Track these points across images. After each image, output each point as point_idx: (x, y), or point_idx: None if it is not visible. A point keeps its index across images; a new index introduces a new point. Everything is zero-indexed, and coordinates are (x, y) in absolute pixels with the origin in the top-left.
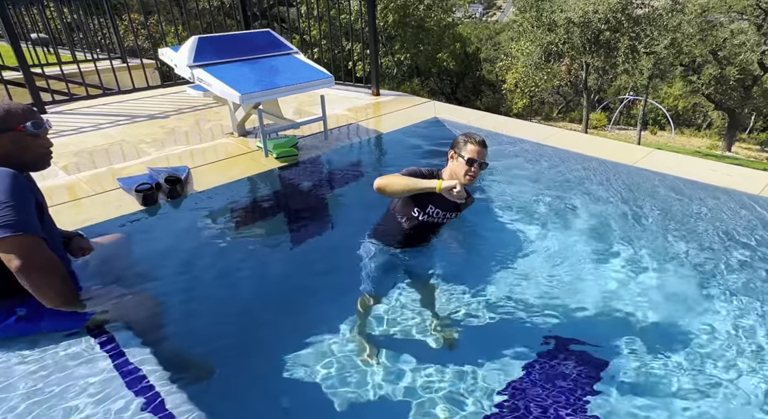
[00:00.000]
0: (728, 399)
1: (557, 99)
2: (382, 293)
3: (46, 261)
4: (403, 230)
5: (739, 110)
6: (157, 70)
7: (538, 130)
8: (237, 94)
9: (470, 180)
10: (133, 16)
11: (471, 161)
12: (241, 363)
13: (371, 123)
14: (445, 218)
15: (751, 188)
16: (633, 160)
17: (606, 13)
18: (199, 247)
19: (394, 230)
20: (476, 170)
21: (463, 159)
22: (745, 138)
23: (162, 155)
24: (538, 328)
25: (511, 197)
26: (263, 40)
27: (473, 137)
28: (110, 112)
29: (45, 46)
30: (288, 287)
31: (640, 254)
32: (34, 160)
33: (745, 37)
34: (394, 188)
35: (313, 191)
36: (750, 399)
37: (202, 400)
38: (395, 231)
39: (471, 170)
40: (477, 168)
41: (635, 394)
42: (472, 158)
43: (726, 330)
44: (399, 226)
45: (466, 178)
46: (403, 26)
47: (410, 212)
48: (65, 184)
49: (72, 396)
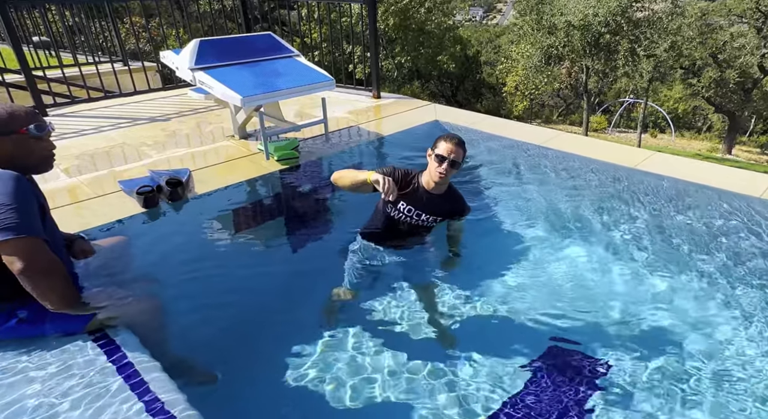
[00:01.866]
0: (732, 401)
1: (557, 102)
2: (358, 289)
3: (48, 264)
4: (379, 225)
5: (739, 113)
6: (158, 72)
7: (539, 132)
8: (238, 96)
9: (440, 177)
10: (134, 19)
11: (440, 157)
12: (243, 367)
13: (372, 126)
14: (420, 219)
15: (752, 190)
16: (634, 163)
17: (606, 17)
18: (200, 249)
19: (372, 226)
20: (446, 168)
21: (435, 156)
22: (745, 141)
23: (163, 157)
24: (538, 329)
25: (511, 198)
26: (264, 43)
27: (449, 137)
28: (111, 114)
29: (47, 49)
30: (290, 289)
31: (640, 256)
32: (37, 163)
33: (744, 41)
34: (342, 181)
35: (314, 194)
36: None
37: (204, 404)
38: (373, 226)
39: (440, 167)
40: (447, 166)
41: (636, 396)
42: (440, 155)
43: (727, 333)
44: (377, 221)
45: (435, 175)
46: (403, 29)
47: (384, 208)
48: (67, 186)
49: (72, 399)
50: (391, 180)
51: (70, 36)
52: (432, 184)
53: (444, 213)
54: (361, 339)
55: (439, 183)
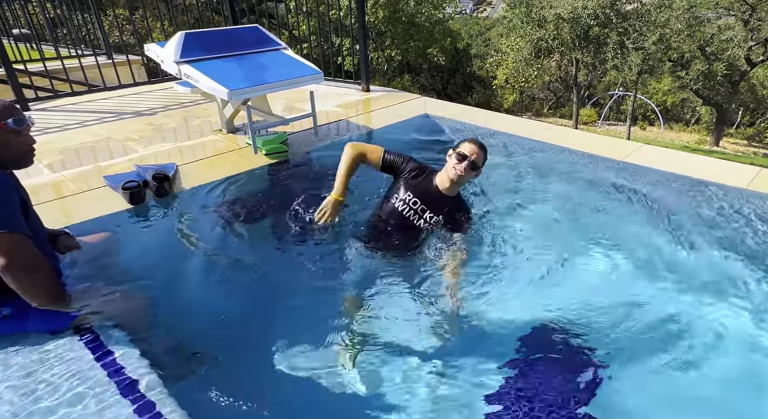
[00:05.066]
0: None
1: (548, 95)
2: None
3: (32, 260)
4: (376, 220)
5: (727, 106)
6: (143, 66)
7: (529, 125)
8: (225, 90)
9: (458, 176)
10: (118, 12)
11: (461, 156)
12: (230, 363)
13: (361, 119)
14: (423, 216)
15: (738, 181)
16: (622, 155)
17: (595, 9)
18: (187, 246)
19: (370, 222)
20: (465, 168)
21: (456, 154)
22: (732, 133)
23: (149, 152)
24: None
25: (499, 192)
26: (251, 36)
27: (474, 140)
28: (96, 109)
29: (28, 41)
30: (278, 286)
31: (627, 249)
32: (16, 157)
33: (732, 33)
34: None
35: (303, 188)
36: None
37: (190, 400)
38: (372, 221)
39: (459, 164)
40: (467, 166)
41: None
42: (462, 153)
43: (713, 324)
44: (375, 216)
45: (453, 173)
46: (393, 22)
47: (389, 199)
48: (50, 182)
49: (57, 396)
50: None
51: (52, 28)
52: (447, 183)
53: (447, 213)
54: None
55: (455, 182)
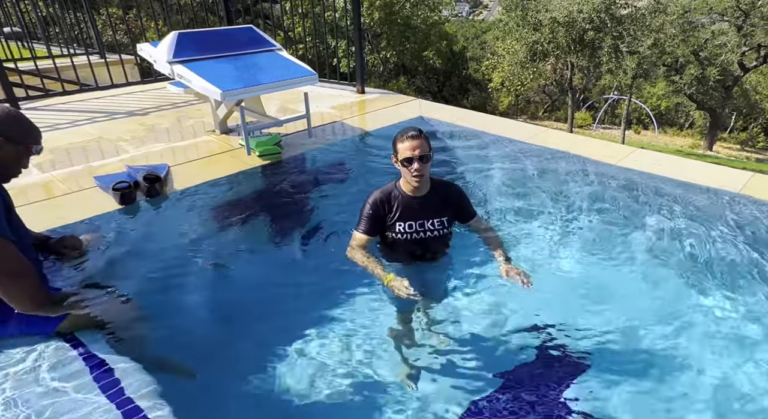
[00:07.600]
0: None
1: (543, 98)
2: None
3: (17, 265)
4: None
5: (720, 110)
6: (137, 66)
7: (524, 129)
8: (218, 91)
9: (418, 180)
10: (111, 11)
11: (407, 160)
12: (221, 367)
13: (356, 121)
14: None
15: (731, 186)
16: (616, 159)
17: (590, 13)
18: (178, 247)
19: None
20: (419, 167)
21: (401, 162)
22: (725, 137)
23: (141, 152)
24: (530, 329)
25: (496, 195)
26: (245, 37)
27: (404, 133)
28: (87, 108)
29: (19, 40)
30: (270, 288)
31: (622, 252)
32: (11, 174)
33: (725, 39)
34: (356, 261)
35: (296, 190)
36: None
37: (179, 404)
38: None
39: (411, 168)
40: (419, 164)
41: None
42: (406, 157)
43: (709, 327)
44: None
45: (413, 180)
46: (389, 24)
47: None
48: (40, 182)
49: (42, 402)
50: (405, 284)
51: (44, 27)
52: (413, 189)
53: (444, 206)
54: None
55: (421, 183)
